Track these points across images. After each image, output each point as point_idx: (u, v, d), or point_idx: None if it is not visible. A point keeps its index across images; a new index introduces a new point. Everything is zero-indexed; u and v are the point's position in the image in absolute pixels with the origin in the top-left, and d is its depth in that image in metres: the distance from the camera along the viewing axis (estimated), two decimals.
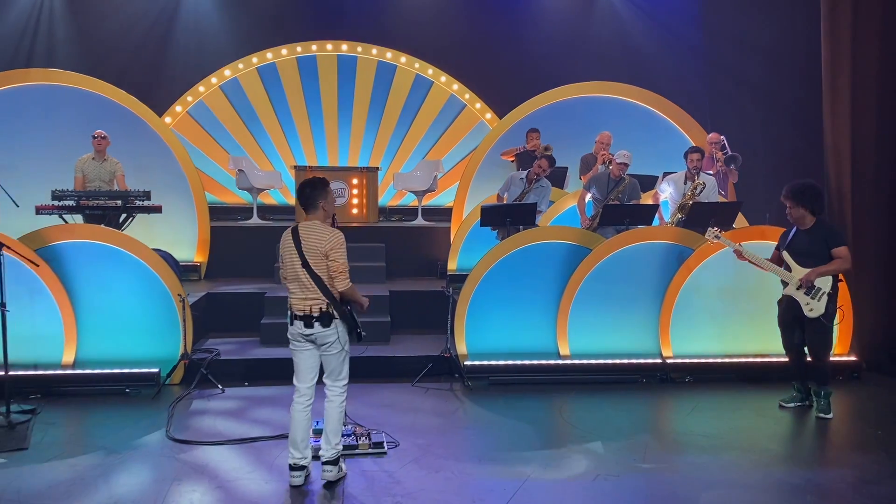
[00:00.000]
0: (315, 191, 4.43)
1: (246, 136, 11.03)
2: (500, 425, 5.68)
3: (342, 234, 4.46)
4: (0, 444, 5.13)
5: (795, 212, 5.95)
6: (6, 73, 8.92)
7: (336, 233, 4.43)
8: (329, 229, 4.43)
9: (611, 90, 9.86)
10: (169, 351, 6.58)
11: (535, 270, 7.01)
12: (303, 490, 4.42)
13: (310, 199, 4.43)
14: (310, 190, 4.43)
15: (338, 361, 4.49)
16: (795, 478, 4.70)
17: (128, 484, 4.48)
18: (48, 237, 6.52)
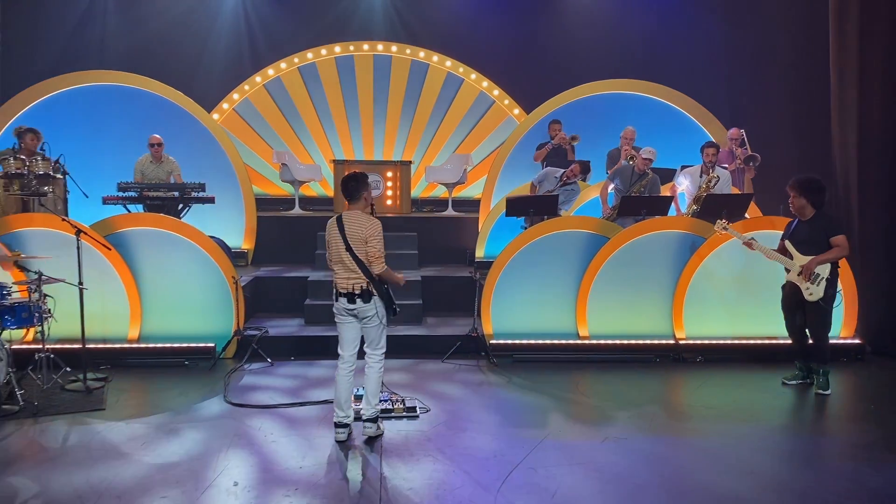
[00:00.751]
0: (358, 184, 5.06)
1: (288, 131, 11.72)
2: (522, 396, 6.25)
3: (380, 222, 5.09)
4: (81, 405, 5.86)
5: (797, 202, 6.41)
6: (67, 76, 9.63)
7: (374, 221, 5.05)
8: (369, 218, 5.05)
9: (633, 87, 10.31)
10: (223, 328, 7.27)
11: (557, 257, 7.56)
12: (347, 444, 5.06)
13: (354, 191, 5.06)
14: (353, 183, 5.06)
15: (376, 333, 5.11)
16: (787, 443, 5.22)
17: (194, 438, 5.16)
18: (116, 225, 7.26)
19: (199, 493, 4.25)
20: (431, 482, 4.44)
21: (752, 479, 4.52)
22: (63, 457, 4.81)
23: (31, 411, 5.64)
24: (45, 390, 6.07)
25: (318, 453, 4.90)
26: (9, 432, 5.29)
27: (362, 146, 12.03)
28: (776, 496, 4.29)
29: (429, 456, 4.85)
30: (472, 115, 11.93)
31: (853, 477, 4.59)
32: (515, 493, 4.28)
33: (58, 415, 5.63)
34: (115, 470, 4.59)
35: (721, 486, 4.42)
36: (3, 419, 5.52)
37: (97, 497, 4.21)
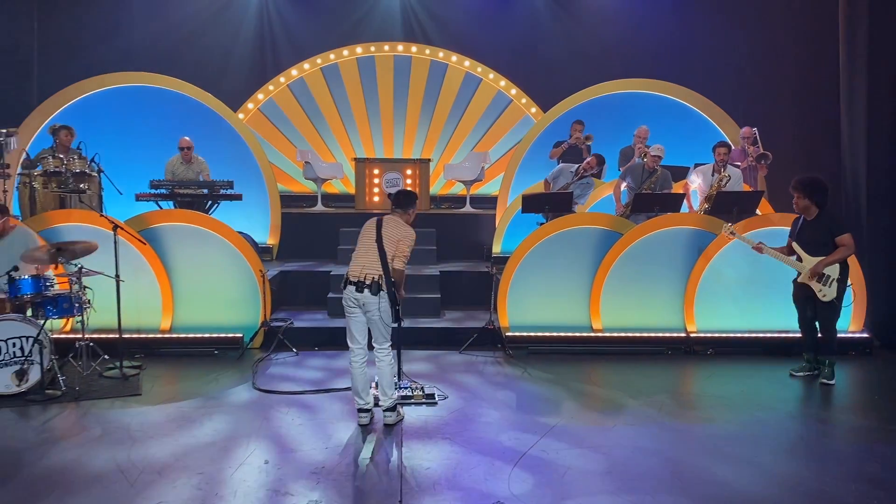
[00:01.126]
0: (411, 200, 5.59)
1: (311, 130, 12.05)
2: (536, 386, 6.51)
3: (415, 233, 5.47)
4: (119, 390, 6.22)
5: (801, 202, 6.60)
6: (100, 77, 9.96)
7: (411, 230, 5.47)
8: (407, 226, 5.48)
9: (648, 86, 10.50)
10: (250, 319, 7.61)
11: (571, 252, 7.80)
12: (369, 428, 5.36)
13: (405, 204, 5.54)
14: (406, 198, 5.57)
15: (381, 328, 5.39)
16: (789, 429, 5.45)
17: (226, 421, 5.49)
18: (149, 220, 7.61)
19: (233, 471, 4.57)
20: (449, 462, 4.72)
21: (752, 464, 4.76)
22: (105, 437, 5.16)
23: (73, 396, 6.01)
24: (85, 376, 6.44)
25: (341, 435, 5.21)
26: (53, 414, 5.66)
27: (383, 144, 12.33)
28: (774, 479, 4.52)
29: (446, 439, 5.14)
30: (489, 113, 12.18)
31: (851, 462, 4.82)
32: (527, 473, 4.55)
33: (97, 399, 5.99)
34: (153, 449, 4.92)
35: (722, 468, 4.66)
36: (47, 402, 5.89)
37: (138, 472, 4.54)
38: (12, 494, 4.27)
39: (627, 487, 4.36)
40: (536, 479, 4.46)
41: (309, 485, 4.37)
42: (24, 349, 6.04)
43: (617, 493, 4.28)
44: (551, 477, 4.50)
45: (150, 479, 4.45)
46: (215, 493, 4.26)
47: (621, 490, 4.32)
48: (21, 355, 6.04)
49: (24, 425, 5.46)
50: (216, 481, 4.41)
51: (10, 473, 4.56)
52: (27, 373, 6.04)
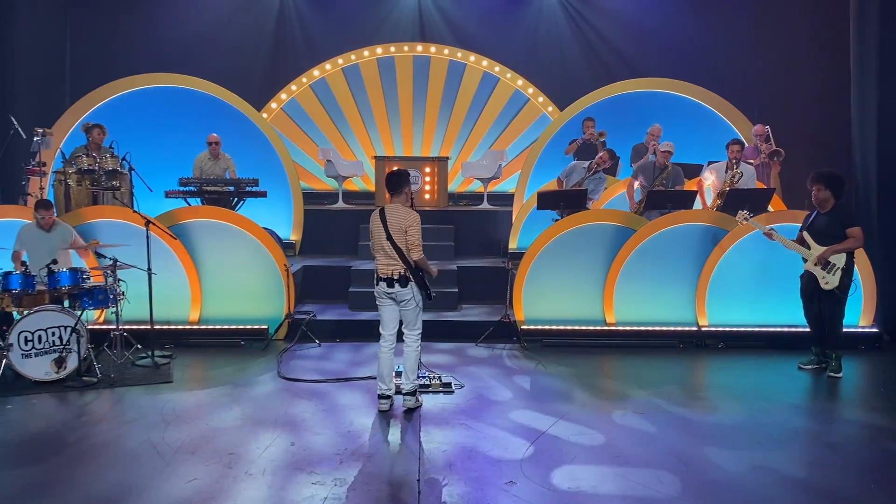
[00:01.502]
0: (401, 179, 5.64)
1: (332, 129, 12.36)
2: (549, 376, 6.74)
3: (418, 215, 5.64)
4: (151, 377, 6.54)
5: (822, 194, 6.76)
6: (130, 79, 10.31)
7: (414, 213, 5.61)
8: (408, 210, 5.61)
9: (662, 85, 10.67)
10: (275, 311, 7.90)
11: (585, 248, 8.02)
12: (388, 414, 5.62)
13: (397, 186, 5.62)
14: (396, 178, 5.64)
15: (413, 315, 5.66)
16: (791, 418, 5.63)
17: (253, 406, 5.78)
18: (178, 217, 7.94)
19: (261, 451, 4.86)
20: (464, 446, 4.98)
21: (751, 450, 4.96)
22: (139, 420, 5.47)
23: (108, 382, 6.34)
24: (119, 365, 6.77)
25: (363, 421, 5.48)
26: (90, 399, 5.99)
27: (402, 143, 12.60)
28: (772, 465, 4.73)
29: (462, 424, 5.39)
30: (507, 112, 12.40)
31: (849, 451, 5.01)
32: (539, 456, 4.80)
33: (131, 386, 6.31)
34: (186, 431, 5.22)
35: (722, 454, 4.87)
36: (84, 389, 6.22)
37: (172, 452, 4.84)
38: (57, 470, 4.59)
39: (631, 469, 4.58)
40: (547, 462, 4.70)
41: (333, 465, 4.65)
42: (63, 338, 6.38)
43: (622, 475, 4.50)
44: (562, 460, 4.74)
45: (184, 458, 4.75)
46: (245, 471, 4.55)
47: (626, 472, 4.55)
48: (59, 344, 6.38)
49: (64, 409, 5.79)
50: (246, 461, 4.70)
51: (54, 451, 4.89)
52: (66, 361, 6.37)
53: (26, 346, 6.29)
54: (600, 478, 4.48)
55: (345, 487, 4.31)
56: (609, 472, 4.55)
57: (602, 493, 4.28)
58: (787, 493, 4.31)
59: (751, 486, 4.39)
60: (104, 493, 4.26)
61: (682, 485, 4.38)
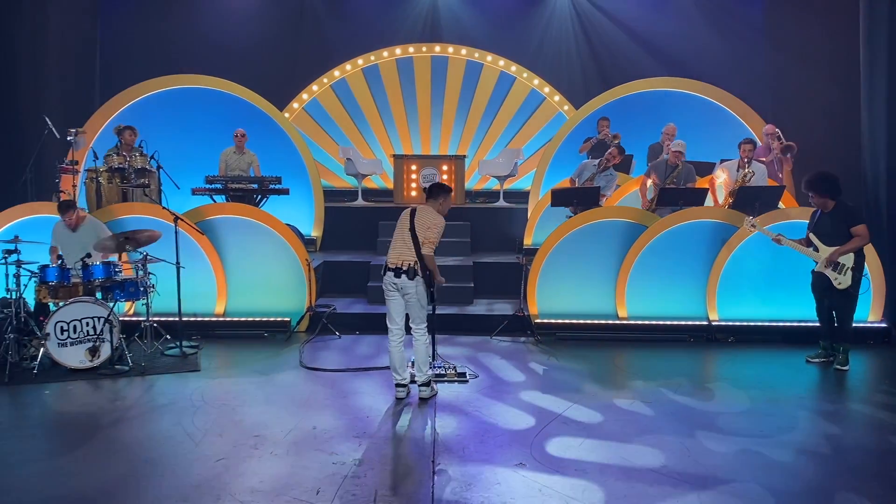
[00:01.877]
0: (441, 190, 6.05)
1: (352, 128, 12.65)
2: (561, 368, 6.96)
3: (444, 221, 5.95)
4: (179, 366, 6.85)
5: (818, 200, 6.93)
6: (156, 80, 10.60)
7: (441, 218, 5.95)
8: (437, 215, 5.97)
9: (676, 84, 10.83)
10: (297, 305, 8.19)
11: (598, 244, 8.23)
12: (405, 401, 5.88)
13: (436, 194, 6.01)
14: (438, 189, 6.03)
15: (417, 309, 5.92)
16: (795, 406, 5.82)
17: (277, 394, 6.07)
18: (205, 213, 8.25)
19: (285, 434, 5.14)
20: (477, 430, 5.23)
21: (754, 435, 5.17)
22: (170, 405, 5.78)
23: (139, 371, 6.66)
24: (149, 354, 7.08)
25: (381, 407, 5.74)
26: (123, 386, 6.32)
27: (420, 141, 12.86)
28: (774, 449, 4.93)
29: (476, 411, 5.64)
30: (523, 111, 12.61)
31: (845, 440, 5.20)
32: (548, 440, 5.04)
33: (161, 374, 6.62)
34: (213, 415, 5.52)
35: (726, 438, 5.08)
36: (117, 376, 6.55)
37: (202, 435, 5.13)
38: (94, 450, 4.91)
39: (637, 453, 4.81)
40: (556, 447, 4.94)
41: (352, 447, 4.91)
42: (96, 328, 6.71)
43: (628, 459, 4.73)
44: (570, 444, 4.97)
45: (212, 440, 5.04)
46: (270, 451, 4.83)
47: (632, 455, 4.77)
48: (93, 334, 6.71)
49: (99, 394, 6.12)
50: (270, 442, 4.98)
51: (90, 433, 5.20)
52: (99, 350, 6.70)
53: (62, 336, 6.62)
54: (605, 461, 4.70)
55: (363, 467, 4.58)
56: (614, 456, 4.77)
57: (606, 474, 4.50)
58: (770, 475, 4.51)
59: (738, 465, 4.64)
60: (140, 470, 4.56)
61: (685, 468, 4.60)
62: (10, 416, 5.66)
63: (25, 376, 6.49)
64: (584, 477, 4.46)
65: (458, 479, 4.43)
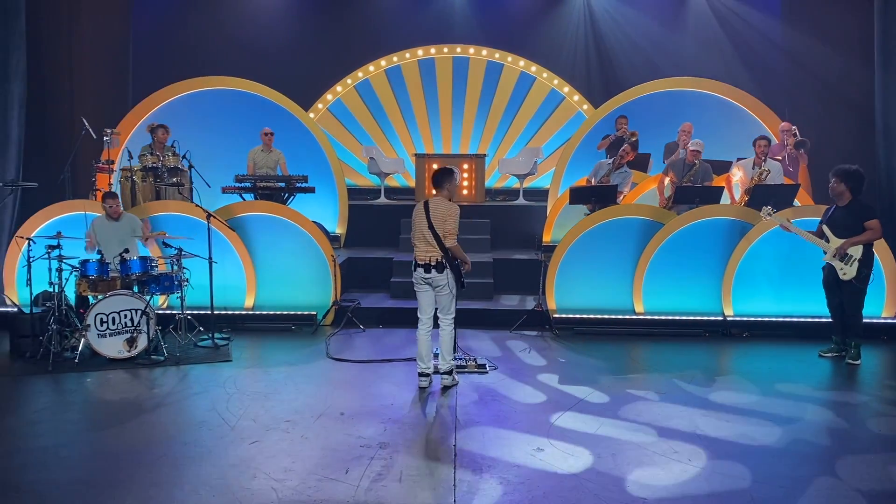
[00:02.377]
0: (444, 175, 6.19)
1: (375, 128, 12.95)
2: (578, 361, 7.19)
3: (458, 207, 6.16)
4: (212, 357, 7.17)
5: (837, 188, 7.09)
6: (187, 81, 10.97)
7: (454, 206, 6.14)
8: (450, 203, 6.15)
9: (693, 84, 10.99)
10: (323, 299, 8.50)
11: (615, 241, 8.43)
12: (428, 390, 6.15)
13: (441, 182, 6.17)
14: (440, 175, 6.18)
15: (447, 301, 6.18)
16: (803, 397, 5.99)
17: (306, 383, 6.36)
18: (235, 211, 8.58)
19: (314, 420, 5.42)
20: (497, 418, 5.48)
21: (763, 423, 5.37)
22: (204, 393, 6.09)
23: (174, 361, 6.99)
24: (182, 345, 7.42)
25: (404, 396, 6.01)
26: (159, 375, 6.64)
27: (441, 141, 13.12)
28: (781, 435, 5.13)
29: (494, 400, 5.90)
30: (543, 110, 12.83)
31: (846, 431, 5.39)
32: (563, 428, 5.28)
33: (195, 364, 6.94)
34: (246, 402, 5.82)
35: (736, 426, 5.28)
36: (153, 366, 6.88)
37: (236, 419, 5.43)
38: (135, 433, 5.22)
39: (651, 441, 5.04)
40: (572, 433, 5.18)
41: (378, 431, 5.19)
42: (134, 320, 7.04)
43: (641, 445, 4.96)
44: (584, 432, 5.21)
45: (247, 423, 5.34)
46: (301, 435, 5.12)
47: (644, 441, 5.00)
48: (131, 325, 7.04)
49: (137, 383, 6.45)
50: (301, 427, 5.27)
51: (131, 418, 5.52)
52: (136, 340, 7.04)
53: (101, 327, 6.97)
54: (619, 446, 4.94)
55: (388, 449, 4.85)
56: (626, 444, 5.01)
57: (620, 459, 4.74)
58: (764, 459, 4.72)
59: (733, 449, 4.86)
60: (179, 451, 4.87)
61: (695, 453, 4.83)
62: (54, 402, 6.00)
63: (67, 365, 6.84)
64: (597, 460, 4.70)
65: (479, 461, 4.69)
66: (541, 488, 4.31)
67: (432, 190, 6.32)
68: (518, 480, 4.41)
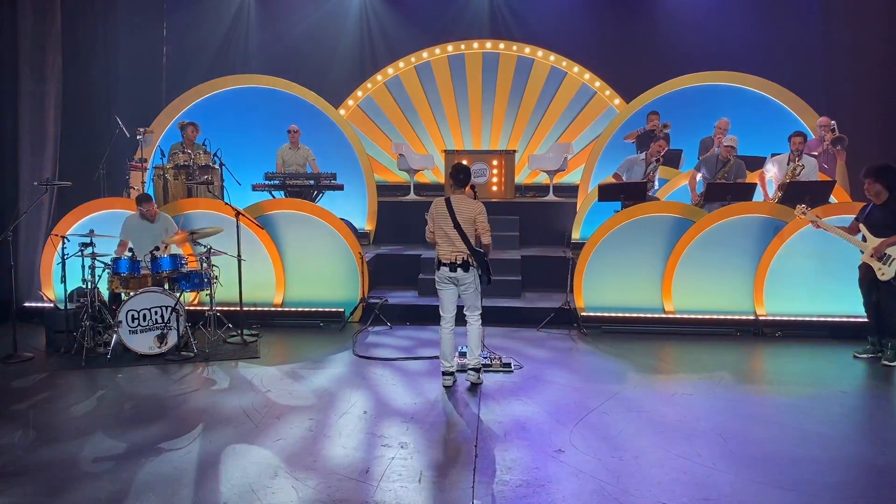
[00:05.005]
0: (468, 174, 6.20)
1: (405, 124, 12.97)
2: (606, 360, 7.13)
3: (483, 204, 6.14)
4: (241, 353, 7.26)
5: (873, 187, 6.92)
6: (219, 80, 11.14)
7: (480, 204, 6.14)
8: (475, 202, 6.13)
9: (727, 78, 10.79)
10: (350, 296, 8.54)
11: (644, 239, 8.31)
12: (451, 389, 6.15)
13: (462, 181, 6.15)
14: (463, 174, 6.17)
15: (473, 298, 6.18)
16: (838, 401, 5.85)
17: (331, 381, 6.41)
18: (265, 208, 8.66)
19: (338, 418, 5.46)
20: (519, 418, 5.46)
21: (794, 430, 5.25)
22: (231, 389, 6.17)
23: (203, 357, 7.09)
24: (212, 341, 7.52)
25: (428, 395, 6.02)
26: (188, 371, 6.75)
27: (471, 137, 13.09)
28: (813, 443, 5.02)
29: (518, 400, 5.87)
30: (573, 105, 12.71)
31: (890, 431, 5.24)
32: (586, 429, 5.23)
33: (223, 360, 7.04)
34: (271, 399, 5.89)
35: (764, 432, 5.19)
36: (183, 362, 6.99)
37: (261, 416, 5.50)
38: (164, 428, 5.31)
39: (674, 443, 4.97)
40: (595, 435, 5.13)
41: (400, 430, 5.21)
42: (164, 317, 7.16)
43: (665, 448, 4.89)
44: (607, 434, 5.16)
45: (271, 421, 5.40)
46: (324, 433, 5.16)
47: (669, 445, 4.93)
48: (161, 322, 7.16)
49: (167, 378, 6.56)
50: (324, 425, 5.31)
51: (159, 414, 5.62)
52: (167, 337, 7.15)
53: (133, 324, 7.10)
54: (642, 449, 4.88)
55: (409, 449, 4.87)
56: (652, 444, 4.94)
57: (643, 461, 4.68)
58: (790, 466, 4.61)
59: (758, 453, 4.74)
60: (206, 447, 4.94)
61: (719, 457, 4.74)
62: (87, 397, 6.12)
63: (100, 361, 6.99)
64: (619, 463, 4.65)
65: (499, 462, 4.68)
66: (560, 492, 4.28)
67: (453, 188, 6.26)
68: (538, 483, 4.39)
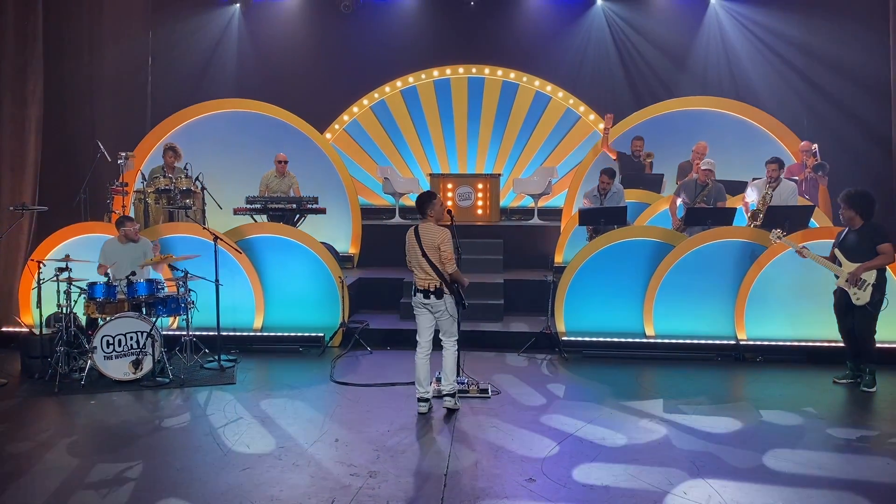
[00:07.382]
0: (426, 201, 6.15)
1: (390, 148, 13.00)
2: (586, 385, 7.08)
3: (448, 231, 6.13)
4: (216, 379, 7.20)
5: (847, 213, 6.96)
6: (204, 104, 11.16)
7: (444, 230, 6.10)
8: (439, 228, 6.11)
9: (711, 104, 10.88)
10: (330, 320, 8.48)
11: (625, 263, 8.30)
12: (427, 416, 6.09)
13: (423, 207, 6.15)
14: (421, 201, 6.17)
15: (448, 324, 6.15)
16: (813, 427, 5.82)
17: (306, 407, 6.35)
18: (244, 232, 8.64)
19: (308, 446, 5.40)
20: (492, 445, 5.41)
21: (766, 454, 5.21)
22: (203, 417, 6.10)
23: (178, 383, 7.02)
24: (188, 367, 7.45)
25: (403, 421, 5.96)
26: (162, 397, 6.68)
27: (457, 160, 13.11)
28: (784, 468, 4.98)
29: (494, 427, 5.82)
30: (558, 130, 12.76)
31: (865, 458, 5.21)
32: (560, 457, 5.19)
33: (199, 386, 6.97)
34: (242, 428, 5.82)
35: (735, 456, 5.14)
36: (158, 388, 6.92)
37: (231, 445, 5.43)
38: (131, 457, 5.24)
39: (644, 469, 4.92)
40: (568, 463, 5.08)
41: (370, 459, 5.15)
42: (139, 342, 7.10)
43: (634, 475, 4.84)
44: (582, 461, 5.11)
45: (241, 450, 5.33)
46: (293, 462, 5.09)
47: (641, 474, 4.88)
48: (136, 347, 7.10)
49: (139, 406, 6.48)
50: (294, 454, 5.25)
51: (128, 441, 5.55)
52: (142, 363, 7.09)
53: (108, 349, 7.03)
54: (615, 476, 4.83)
55: (378, 478, 4.80)
56: (623, 472, 4.89)
57: (613, 489, 4.63)
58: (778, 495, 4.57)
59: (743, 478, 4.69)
60: (170, 479, 4.87)
61: (691, 486, 4.70)
62: (57, 424, 6.06)
63: (74, 387, 6.91)
64: (590, 492, 4.60)
65: (468, 492, 4.62)
66: None
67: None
68: None
